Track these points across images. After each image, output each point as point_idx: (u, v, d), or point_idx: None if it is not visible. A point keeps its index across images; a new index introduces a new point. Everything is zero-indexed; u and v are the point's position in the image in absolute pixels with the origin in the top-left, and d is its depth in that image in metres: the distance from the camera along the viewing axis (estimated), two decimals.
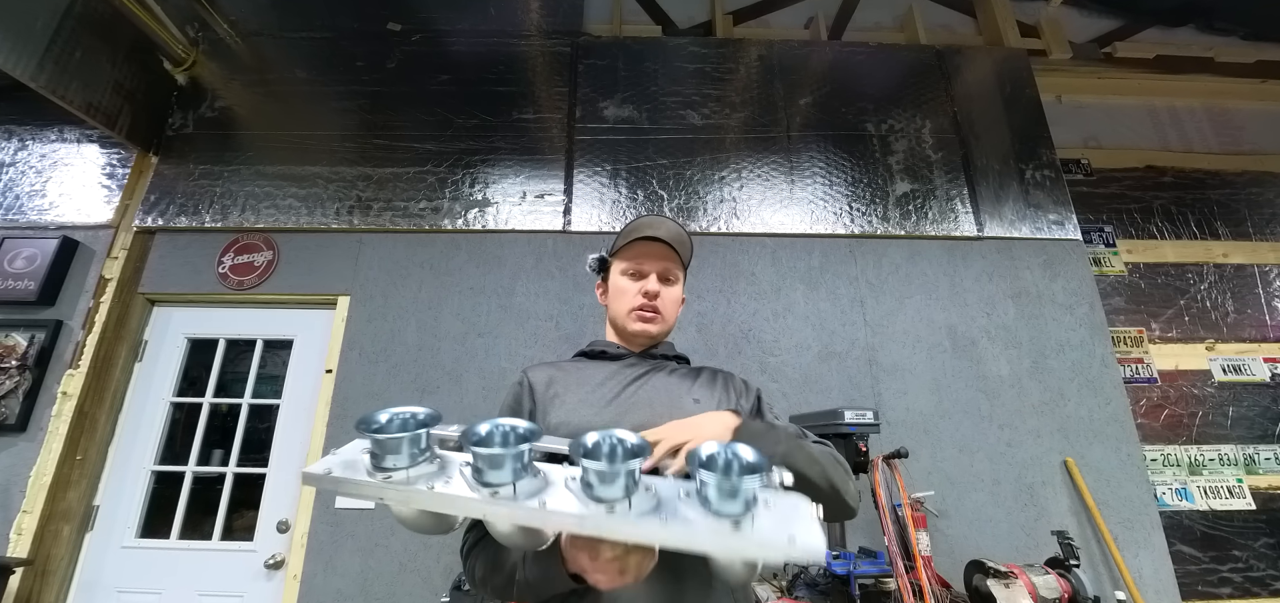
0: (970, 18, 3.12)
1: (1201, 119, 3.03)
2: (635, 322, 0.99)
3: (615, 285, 1.04)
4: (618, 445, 0.53)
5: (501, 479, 0.52)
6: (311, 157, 2.51)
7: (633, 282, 1.02)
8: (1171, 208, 2.81)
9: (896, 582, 1.54)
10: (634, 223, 1.04)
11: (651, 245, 1.00)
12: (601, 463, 0.50)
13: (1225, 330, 2.61)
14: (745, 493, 0.50)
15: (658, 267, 1.01)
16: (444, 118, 2.59)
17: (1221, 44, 3.06)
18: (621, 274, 1.04)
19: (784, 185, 2.52)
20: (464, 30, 2.78)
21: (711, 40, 2.86)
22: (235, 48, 2.72)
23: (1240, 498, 2.34)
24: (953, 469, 2.09)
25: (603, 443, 0.53)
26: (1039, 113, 2.70)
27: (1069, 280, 2.41)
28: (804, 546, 0.47)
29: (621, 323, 1.02)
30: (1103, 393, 2.23)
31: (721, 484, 0.50)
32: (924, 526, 1.70)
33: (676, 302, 1.05)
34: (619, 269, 1.04)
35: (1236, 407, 2.48)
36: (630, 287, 1.01)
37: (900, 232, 2.45)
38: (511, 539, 0.58)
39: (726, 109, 2.66)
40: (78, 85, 2.19)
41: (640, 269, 1.01)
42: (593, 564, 0.60)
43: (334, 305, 2.30)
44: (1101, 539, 1.99)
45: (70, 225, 2.38)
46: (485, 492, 0.52)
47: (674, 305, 1.04)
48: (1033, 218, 2.51)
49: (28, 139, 2.55)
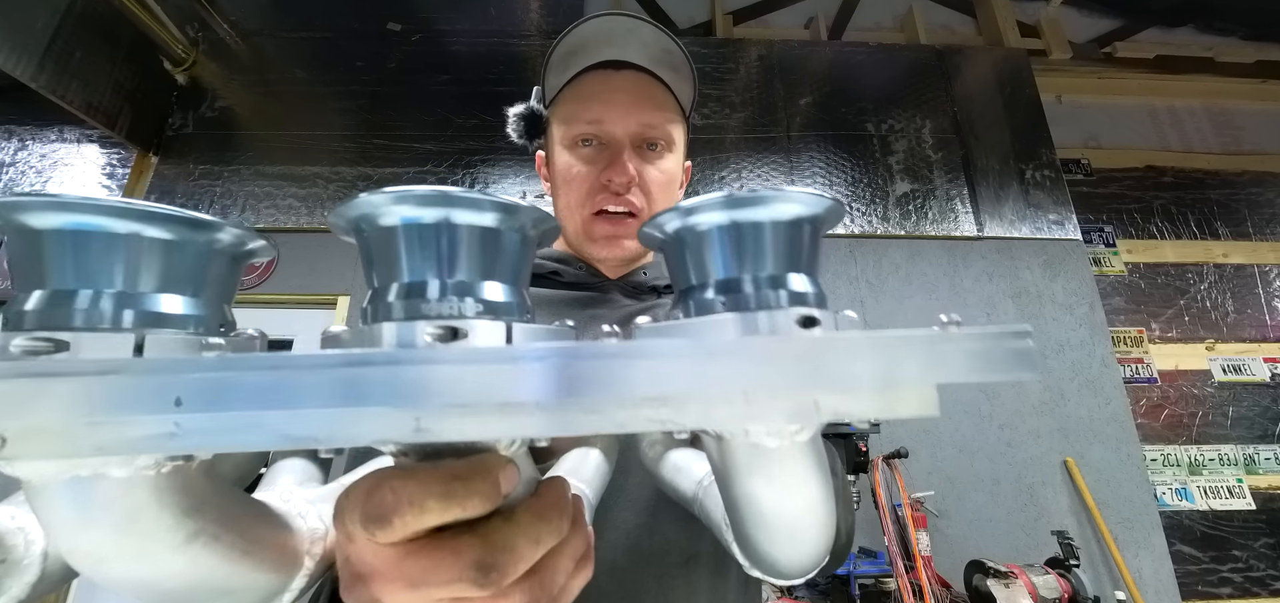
0: (970, 18, 3.12)
1: (1201, 119, 3.03)
2: (599, 236, 0.59)
3: (560, 165, 0.60)
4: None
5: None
6: (311, 157, 2.51)
7: (585, 157, 0.58)
8: (1171, 208, 2.81)
9: (896, 582, 1.54)
10: (581, 29, 0.57)
11: (617, 77, 0.57)
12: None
13: (1225, 330, 2.61)
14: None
15: (631, 122, 0.57)
16: (444, 118, 2.59)
17: (1221, 44, 3.06)
18: (566, 144, 0.60)
19: (784, 185, 2.52)
20: (464, 30, 2.78)
21: (711, 40, 2.86)
22: (235, 48, 2.72)
23: (1240, 498, 2.34)
24: (953, 469, 2.09)
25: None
26: (1039, 113, 2.70)
27: (1069, 280, 2.41)
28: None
29: (575, 234, 0.61)
30: (1103, 393, 2.23)
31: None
32: (924, 526, 1.70)
33: (671, 182, 0.60)
34: (562, 133, 0.60)
35: (1236, 407, 2.48)
36: (581, 169, 0.58)
37: (900, 232, 2.45)
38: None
39: (726, 109, 2.66)
40: (78, 85, 2.19)
41: (598, 132, 0.58)
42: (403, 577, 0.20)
43: (334, 305, 2.30)
44: (1101, 539, 1.99)
45: None
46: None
47: (667, 189, 0.60)
48: (1033, 218, 2.51)
49: (28, 139, 2.55)
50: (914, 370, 0.19)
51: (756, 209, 0.22)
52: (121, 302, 0.18)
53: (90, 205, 0.17)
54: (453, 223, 0.20)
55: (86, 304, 0.17)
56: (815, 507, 0.25)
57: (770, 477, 0.23)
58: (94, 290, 0.18)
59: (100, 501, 0.17)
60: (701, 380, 0.18)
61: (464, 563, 0.19)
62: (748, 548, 0.27)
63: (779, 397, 0.19)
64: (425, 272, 0.20)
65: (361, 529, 0.19)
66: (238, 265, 0.22)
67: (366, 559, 0.20)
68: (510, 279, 0.21)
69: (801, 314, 0.21)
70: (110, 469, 0.17)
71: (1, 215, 0.18)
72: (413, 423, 0.18)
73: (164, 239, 0.19)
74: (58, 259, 0.18)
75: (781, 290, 0.21)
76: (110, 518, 0.18)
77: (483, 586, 0.19)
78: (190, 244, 0.20)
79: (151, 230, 0.19)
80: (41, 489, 0.17)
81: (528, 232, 0.22)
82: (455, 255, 0.20)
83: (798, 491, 0.24)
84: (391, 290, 0.20)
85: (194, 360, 0.17)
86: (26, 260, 0.18)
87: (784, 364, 0.18)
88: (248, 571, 0.21)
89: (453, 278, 0.20)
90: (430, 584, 0.19)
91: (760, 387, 0.18)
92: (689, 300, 0.23)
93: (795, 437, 0.22)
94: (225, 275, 0.21)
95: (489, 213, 0.21)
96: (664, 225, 0.23)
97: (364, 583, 0.20)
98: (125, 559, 0.18)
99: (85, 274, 0.18)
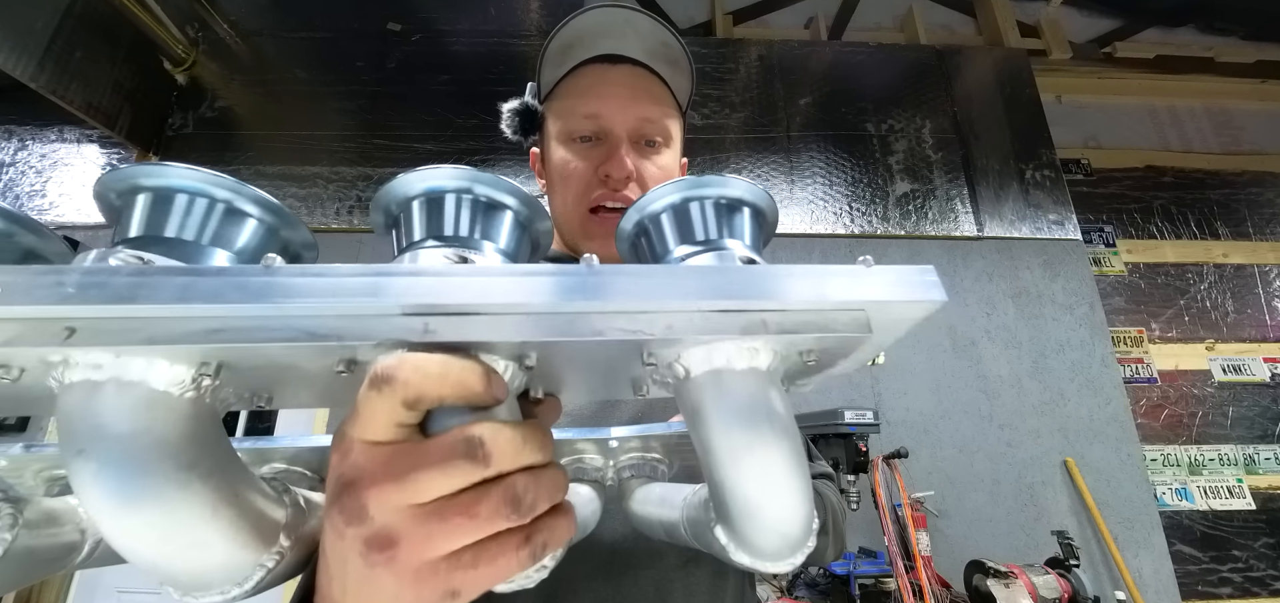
0: (970, 18, 3.12)
1: (1201, 119, 3.03)
2: (595, 232, 0.57)
3: (556, 161, 0.59)
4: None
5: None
6: (311, 157, 2.51)
7: (582, 153, 0.57)
8: (1171, 208, 2.81)
9: (896, 582, 1.54)
10: (578, 21, 0.57)
11: (614, 71, 0.57)
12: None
13: (1225, 330, 2.61)
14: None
15: (630, 117, 0.56)
16: (444, 118, 2.59)
17: (1221, 44, 3.06)
18: (562, 140, 0.59)
19: (784, 185, 2.52)
20: (464, 30, 2.78)
21: (711, 40, 2.86)
22: (235, 48, 2.71)
23: (1240, 498, 2.34)
24: (953, 469, 2.09)
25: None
26: (1039, 113, 2.70)
27: (1069, 280, 2.41)
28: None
29: (571, 231, 0.60)
30: (1103, 393, 2.23)
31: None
32: (924, 526, 1.70)
33: (668, 178, 0.53)
34: (558, 128, 0.59)
35: (1236, 407, 2.48)
36: (578, 165, 0.57)
37: (900, 232, 2.45)
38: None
39: (726, 109, 2.66)
40: (78, 85, 2.19)
41: (595, 127, 0.57)
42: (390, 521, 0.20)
43: None
44: (1101, 539, 1.99)
45: (70, 225, 2.38)
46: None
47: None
48: (1033, 218, 2.51)
49: (28, 139, 2.55)
50: (840, 292, 0.23)
51: (702, 189, 0.28)
52: (193, 252, 0.23)
53: (183, 174, 0.23)
54: (473, 193, 0.26)
55: (169, 248, 0.23)
56: (786, 461, 0.25)
57: (738, 405, 0.24)
58: (178, 238, 0.23)
59: (127, 403, 0.19)
60: (665, 295, 0.22)
61: (453, 442, 0.20)
62: (725, 516, 0.28)
63: (731, 313, 0.23)
64: (443, 228, 0.26)
65: (364, 404, 0.20)
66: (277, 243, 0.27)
67: (358, 464, 0.20)
68: (512, 242, 0.27)
69: (743, 255, 0.26)
70: (150, 378, 0.20)
71: (118, 181, 0.23)
72: (422, 325, 0.21)
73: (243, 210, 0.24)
74: (153, 213, 0.23)
75: (725, 245, 0.27)
76: (132, 424, 0.19)
77: (471, 463, 0.20)
78: (262, 224, 0.25)
79: (240, 201, 0.24)
80: (80, 388, 0.20)
81: (521, 213, 0.28)
82: (471, 217, 0.26)
83: (766, 433, 0.25)
84: (419, 236, 0.26)
85: (246, 268, 0.21)
86: (125, 216, 0.23)
87: (732, 281, 0.23)
88: (225, 524, 0.21)
89: (468, 235, 0.26)
90: (420, 470, 0.19)
91: (711, 299, 0.22)
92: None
93: (753, 361, 0.24)
94: (268, 242, 0.26)
95: (499, 190, 0.26)
96: (625, 228, 0.29)
97: (352, 491, 0.20)
98: (129, 475, 0.19)
99: (172, 225, 0.23)
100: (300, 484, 0.31)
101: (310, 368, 0.22)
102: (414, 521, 0.20)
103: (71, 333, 0.19)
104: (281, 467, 0.32)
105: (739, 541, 0.28)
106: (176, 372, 0.20)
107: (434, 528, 0.20)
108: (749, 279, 0.23)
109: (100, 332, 0.19)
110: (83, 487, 0.19)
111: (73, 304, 0.19)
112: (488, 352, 0.22)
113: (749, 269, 0.24)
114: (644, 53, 0.57)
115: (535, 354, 0.23)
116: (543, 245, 0.29)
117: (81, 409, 0.19)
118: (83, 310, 0.19)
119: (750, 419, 0.24)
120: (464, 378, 0.20)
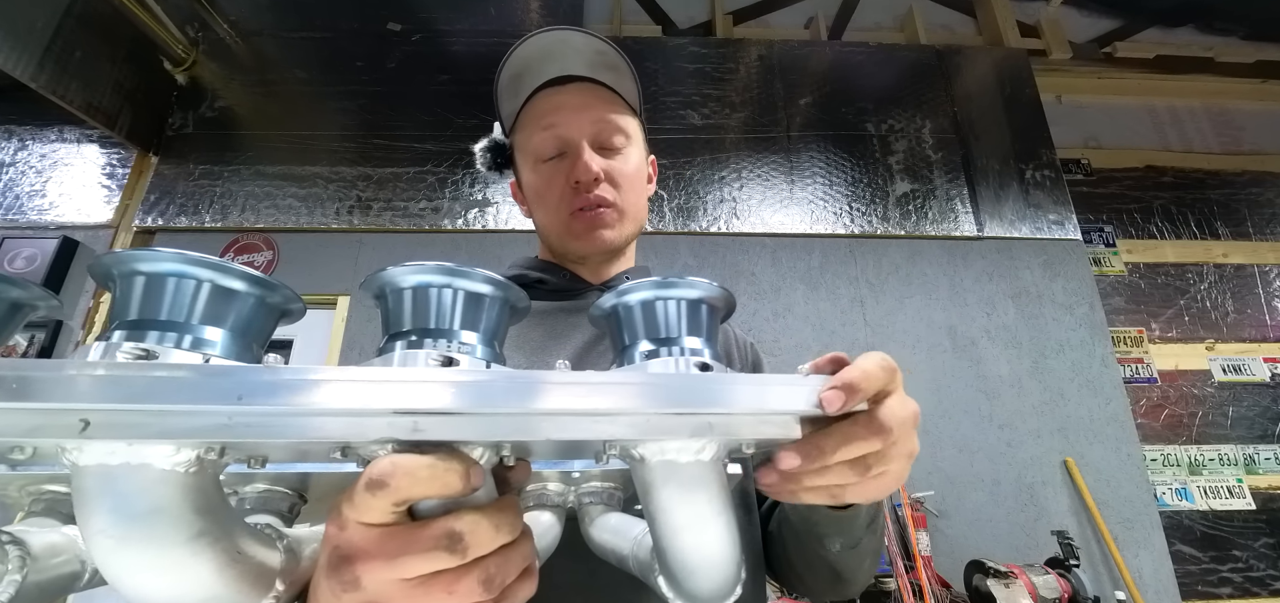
0: (970, 18, 3.12)
1: (1201, 119, 3.03)
2: (579, 231, 0.61)
3: (530, 184, 0.65)
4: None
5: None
6: (311, 157, 2.51)
7: (551, 170, 0.62)
8: (1171, 208, 2.81)
9: (896, 582, 1.54)
10: (520, 52, 0.61)
11: (564, 91, 0.61)
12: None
13: (1225, 330, 2.61)
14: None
15: (585, 124, 0.61)
16: (444, 118, 2.59)
17: (1221, 44, 3.06)
18: (532, 165, 0.63)
19: (784, 185, 2.52)
20: (464, 30, 2.78)
21: (711, 40, 2.86)
22: (235, 48, 2.72)
23: (1240, 498, 2.34)
24: (953, 469, 2.09)
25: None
26: (1039, 113, 2.70)
27: (1069, 280, 2.41)
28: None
29: (558, 239, 0.64)
30: (1103, 393, 2.23)
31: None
32: (924, 526, 1.70)
33: (638, 174, 0.64)
34: (525, 157, 0.64)
35: (1236, 407, 2.48)
36: (550, 181, 0.62)
37: (900, 232, 2.45)
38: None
39: (726, 109, 2.66)
40: (78, 85, 2.19)
41: (557, 143, 0.61)
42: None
43: (334, 305, 2.30)
44: (1101, 539, 1.99)
45: (70, 226, 2.38)
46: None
47: (635, 181, 0.64)
48: (1033, 218, 2.51)
49: (28, 139, 2.55)
50: (777, 402, 0.28)
51: (667, 291, 0.32)
52: (193, 331, 0.24)
53: (177, 257, 0.24)
54: (454, 289, 0.29)
55: (167, 330, 0.24)
56: (721, 534, 0.31)
57: (683, 489, 0.29)
58: (174, 320, 0.24)
59: (138, 485, 0.21)
60: (627, 400, 0.26)
61: (437, 535, 0.23)
62: (667, 571, 0.33)
63: (683, 417, 0.27)
64: (428, 321, 0.28)
65: (360, 497, 0.23)
66: (277, 317, 0.29)
67: (353, 541, 0.24)
68: (490, 336, 0.29)
69: (698, 362, 0.30)
70: (156, 460, 0.21)
71: (113, 265, 0.24)
72: (411, 424, 0.23)
73: (235, 290, 0.26)
74: (151, 296, 0.24)
75: (684, 348, 0.31)
76: (144, 503, 0.21)
77: (452, 554, 0.23)
78: (250, 296, 0.27)
79: (228, 282, 0.26)
80: (94, 471, 0.21)
81: (499, 296, 0.30)
82: (452, 312, 0.29)
83: (705, 509, 0.30)
84: (404, 333, 0.28)
85: (252, 368, 0.23)
86: (125, 297, 0.24)
87: (684, 390, 0.27)
88: (232, 579, 0.24)
89: (448, 326, 0.28)
90: (408, 555, 0.23)
91: (668, 405, 0.26)
92: (622, 357, 0.32)
93: (700, 455, 0.28)
94: (269, 322, 0.28)
95: (479, 283, 0.29)
96: (603, 306, 0.33)
97: (348, 563, 0.24)
98: (146, 549, 0.22)
99: (169, 307, 0.24)
100: (283, 504, 0.33)
101: (307, 449, 0.25)
102: (401, 593, 0.23)
103: (86, 425, 0.21)
104: (264, 488, 0.33)
105: (677, 589, 0.33)
106: (184, 454, 0.22)
107: (418, 599, 0.24)
108: (700, 388, 0.27)
109: (114, 426, 0.21)
110: (104, 560, 0.22)
111: (88, 401, 0.21)
112: (468, 446, 0.25)
113: (701, 378, 0.28)
114: (586, 66, 0.62)
115: (510, 447, 0.27)
116: (521, 308, 0.32)
117: (98, 492, 0.21)
118: (98, 406, 0.21)
119: (692, 503, 0.29)
120: (448, 480, 0.23)
